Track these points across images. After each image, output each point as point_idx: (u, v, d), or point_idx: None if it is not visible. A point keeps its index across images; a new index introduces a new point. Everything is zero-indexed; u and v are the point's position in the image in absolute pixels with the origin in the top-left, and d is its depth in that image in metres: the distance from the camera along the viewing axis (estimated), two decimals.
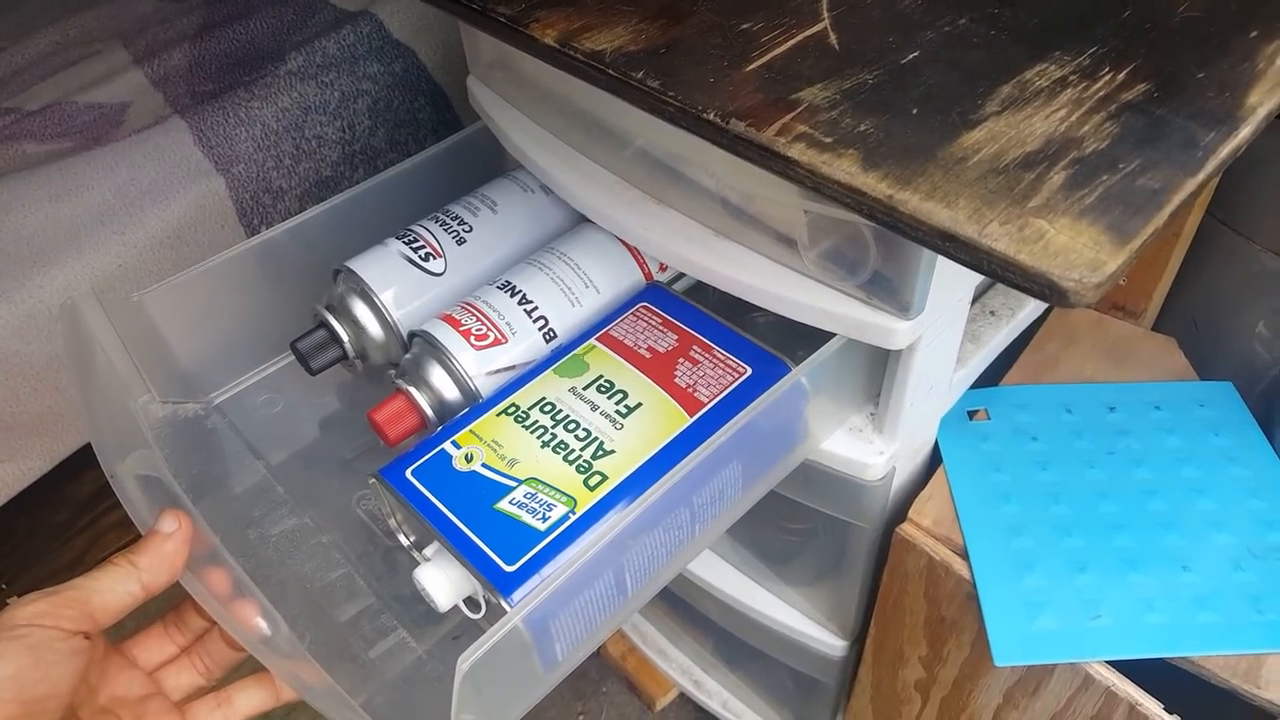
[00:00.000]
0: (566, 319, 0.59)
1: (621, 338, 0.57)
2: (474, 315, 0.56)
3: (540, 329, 0.58)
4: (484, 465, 0.49)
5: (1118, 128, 0.37)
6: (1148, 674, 0.56)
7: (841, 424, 0.62)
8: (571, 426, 0.51)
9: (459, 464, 0.49)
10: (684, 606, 0.96)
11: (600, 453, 0.49)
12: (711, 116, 0.39)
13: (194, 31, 1.09)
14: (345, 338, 0.60)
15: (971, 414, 0.70)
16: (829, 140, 0.37)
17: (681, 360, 0.56)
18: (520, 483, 0.48)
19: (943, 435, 0.68)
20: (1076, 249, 0.32)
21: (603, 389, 0.54)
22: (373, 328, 0.61)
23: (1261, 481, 0.64)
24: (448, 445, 0.51)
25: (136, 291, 0.61)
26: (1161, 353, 0.74)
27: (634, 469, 0.49)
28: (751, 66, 0.42)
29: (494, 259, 0.65)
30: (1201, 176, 0.35)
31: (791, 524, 0.77)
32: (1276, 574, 0.58)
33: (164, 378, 0.62)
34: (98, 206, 0.91)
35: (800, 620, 0.81)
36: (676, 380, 0.54)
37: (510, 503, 0.47)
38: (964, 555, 0.62)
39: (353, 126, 1.02)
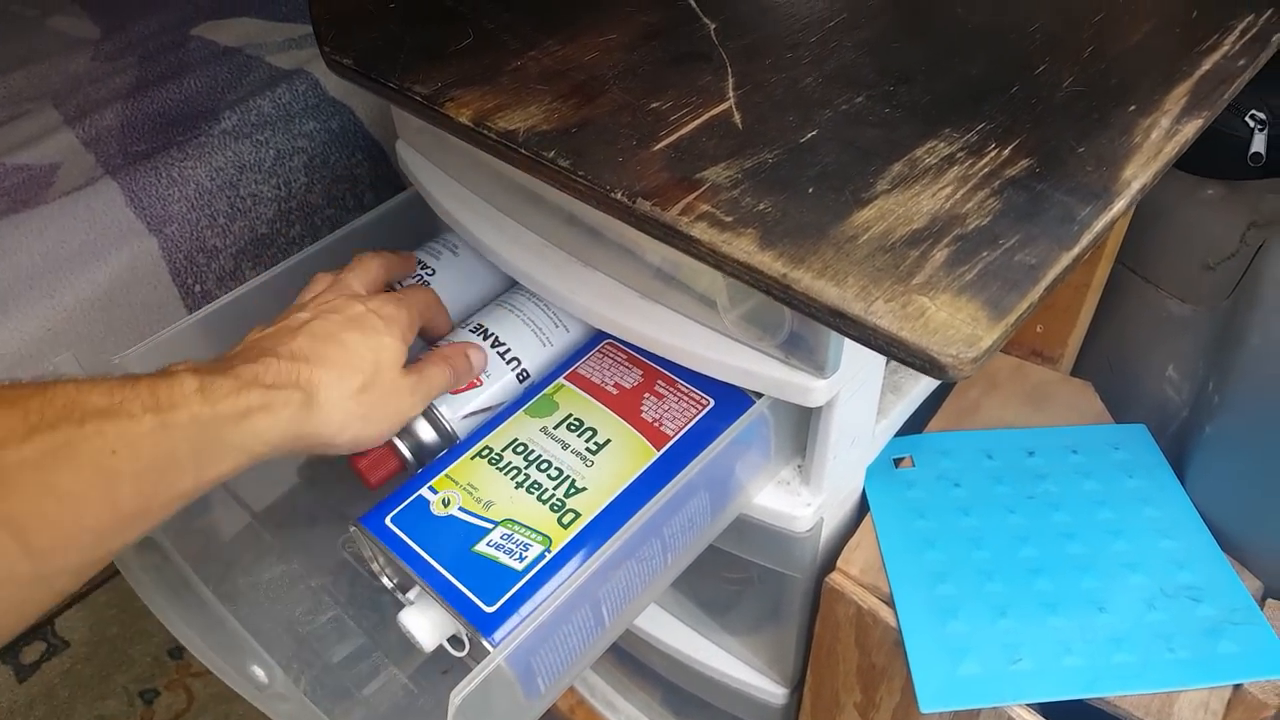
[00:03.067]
0: (539, 358, 0.61)
1: (589, 375, 0.59)
2: None
3: (514, 370, 0.59)
4: (461, 509, 0.51)
5: (1000, 204, 0.39)
6: (1068, 713, 0.58)
7: (772, 478, 0.64)
8: (544, 466, 0.53)
9: (436, 509, 0.51)
10: (631, 660, 0.96)
11: (572, 490, 0.51)
12: (619, 196, 0.41)
13: (127, 91, 1.09)
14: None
15: (897, 461, 0.72)
16: (729, 219, 0.39)
17: (647, 395, 0.58)
18: (497, 524, 0.50)
19: (869, 484, 0.70)
20: (955, 325, 0.33)
21: (572, 427, 0.55)
22: None
23: (1173, 522, 0.66)
24: (425, 491, 0.52)
25: (116, 355, 0.65)
26: (1078, 397, 0.77)
27: (605, 505, 0.51)
28: (659, 145, 0.43)
29: (462, 303, 0.66)
30: (1077, 250, 0.37)
31: (729, 574, 0.78)
32: (1187, 613, 0.60)
33: None
34: (25, 270, 0.90)
35: (742, 670, 0.82)
36: (643, 415, 0.56)
37: (488, 544, 0.49)
38: (890, 603, 0.63)
39: (289, 184, 1.03)
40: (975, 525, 0.67)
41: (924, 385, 0.70)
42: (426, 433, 0.56)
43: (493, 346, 0.60)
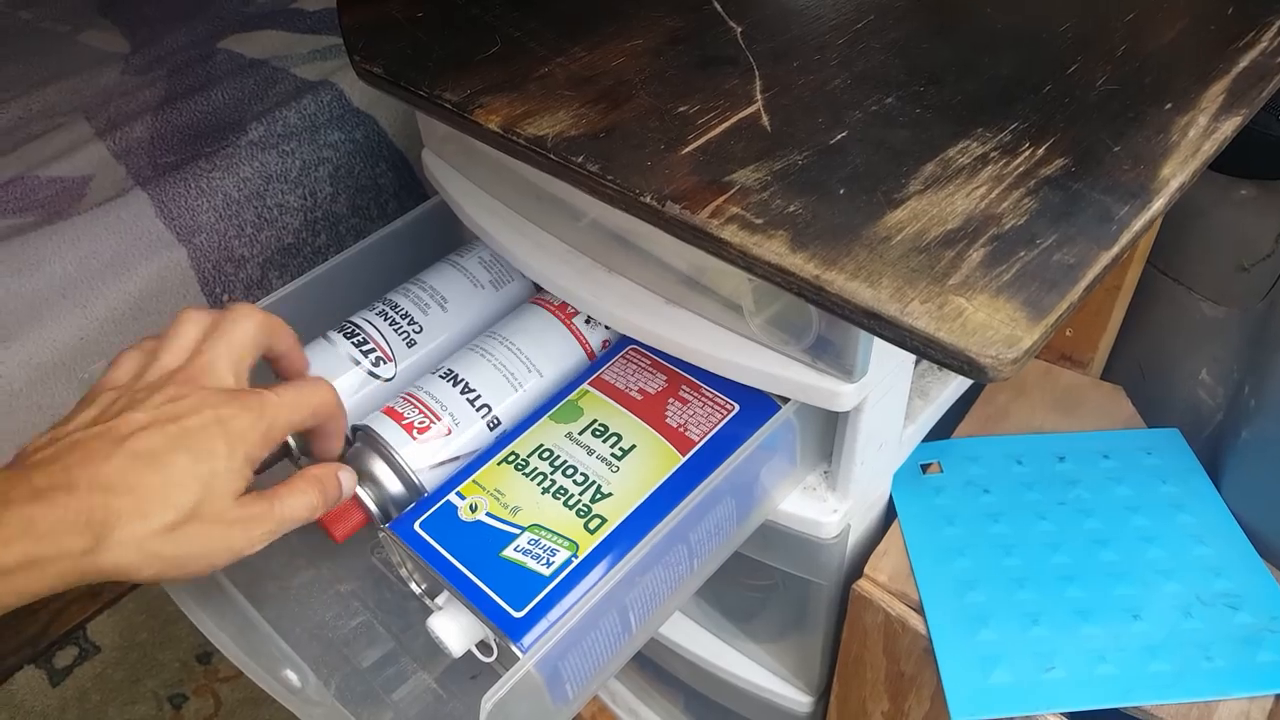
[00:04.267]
0: (510, 405, 0.59)
1: (613, 381, 0.59)
2: (415, 407, 0.56)
3: (483, 417, 0.58)
4: (488, 514, 0.51)
5: (1036, 203, 0.39)
6: None
7: (798, 484, 0.63)
8: (570, 472, 0.53)
9: (464, 514, 0.51)
10: (653, 666, 0.95)
11: (598, 496, 0.51)
12: (648, 200, 0.40)
13: (156, 103, 1.10)
14: (289, 438, 0.59)
15: (925, 467, 0.72)
16: (760, 221, 0.39)
17: (671, 400, 0.57)
18: (524, 530, 0.50)
19: (897, 490, 0.69)
20: (993, 326, 0.33)
21: (597, 433, 0.55)
22: None
23: (1208, 528, 0.65)
24: (452, 496, 0.52)
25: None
26: (1109, 401, 0.76)
27: (631, 510, 0.51)
28: (687, 149, 0.43)
29: (443, 359, 0.64)
30: (1116, 250, 0.36)
31: (754, 580, 0.77)
32: (1224, 621, 0.59)
33: None
34: (59, 280, 0.91)
35: (767, 677, 0.81)
36: (668, 420, 0.56)
37: (515, 550, 0.49)
38: (920, 610, 0.62)
39: (314, 194, 1.03)
40: (1005, 532, 0.66)
41: (952, 390, 0.69)
42: (392, 484, 0.55)
43: (463, 393, 0.58)
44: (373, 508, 0.54)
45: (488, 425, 0.58)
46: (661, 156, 0.43)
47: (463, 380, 0.58)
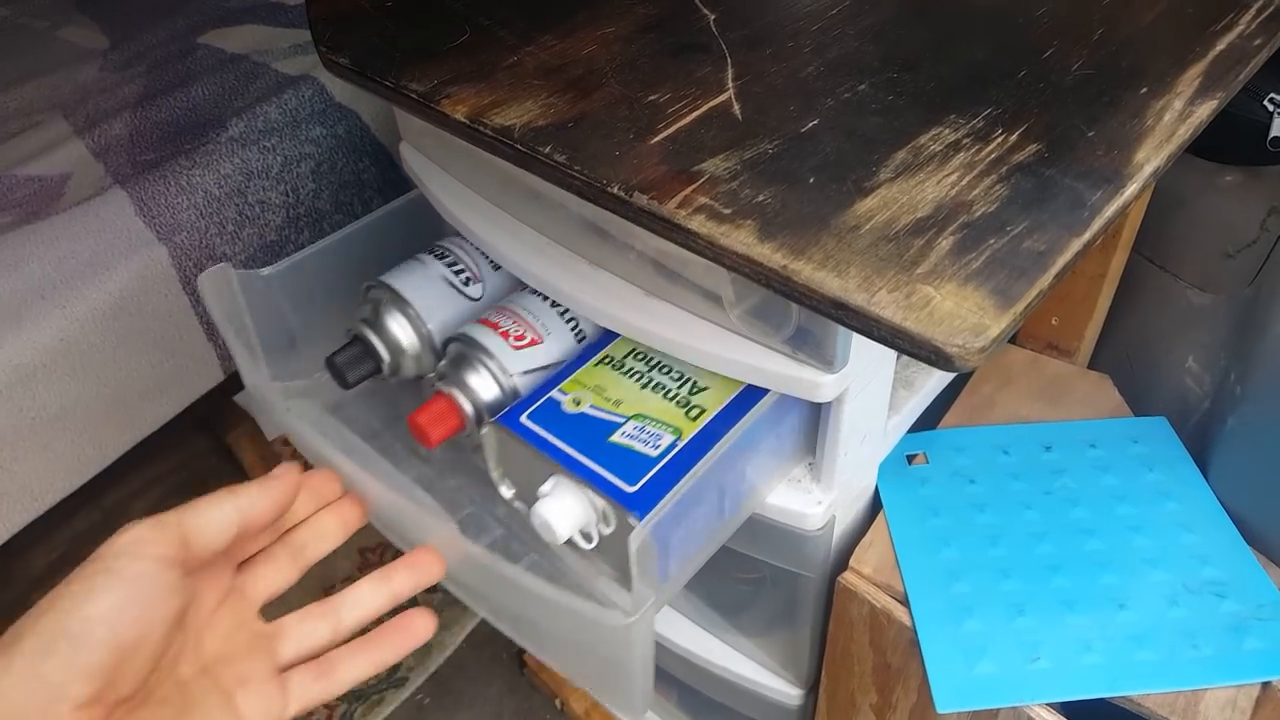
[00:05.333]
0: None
1: None
2: (510, 317, 0.60)
3: (572, 329, 0.61)
4: (592, 406, 0.54)
5: (1007, 190, 0.38)
6: (1090, 713, 0.56)
7: (784, 477, 0.63)
8: (665, 370, 0.57)
9: (568, 407, 0.54)
10: None
11: (695, 390, 0.56)
12: (616, 190, 0.40)
13: (135, 100, 1.09)
14: (382, 352, 0.62)
15: (910, 458, 0.71)
16: (728, 211, 0.38)
17: None
18: (628, 418, 0.53)
19: (882, 481, 0.68)
20: (961, 315, 0.32)
21: None
22: (410, 342, 0.63)
23: (1195, 516, 0.65)
24: (555, 393, 0.55)
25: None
26: (1096, 390, 0.76)
27: (728, 401, 0.55)
28: (657, 138, 0.43)
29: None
30: (1087, 236, 0.36)
31: (742, 574, 0.77)
32: (1211, 609, 0.59)
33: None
34: (38, 280, 0.90)
35: (758, 671, 0.81)
36: None
37: (622, 435, 0.52)
38: (905, 602, 0.62)
39: (296, 190, 1.03)
40: (991, 522, 0.66)
41: (937, 380, 0.68)
42: (488, 389, 0.57)
43: (552, 306, 0.62)
44: (469, 411, 0.56)
45: (575, 337, 0.61)
46: (630, 146, 0.42)
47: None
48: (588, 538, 0.51)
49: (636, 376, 0.56)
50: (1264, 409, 0.63)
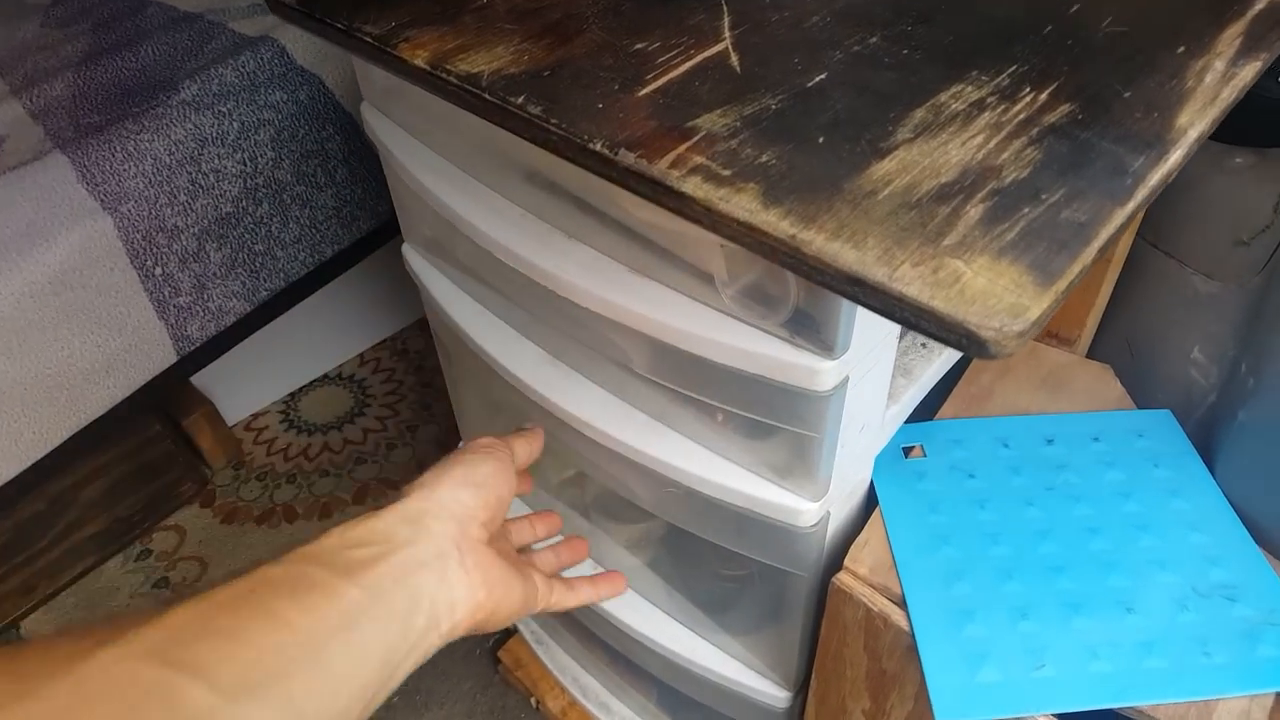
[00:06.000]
0: None
1: None
2: None
3: None
4: None
5: (1040, 154, 0.34)
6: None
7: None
8: None
9: None
10: (625, 660, 0.91)
11: None
12: (598, 147, 0.35)
13: (78, 59, 1.02)
14: None
15: (907, 451, 0.67)
16: (727, 173, 0.33)
17: None
18: None
19: (878, 475, 0.64)
20: (996, 293, 0.28)
21: None
22: None
23: (1203, 515, 0.61)
24: None
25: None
26: (1097, 381, 0.72)
27: None
28: (645, 91, 0.38)
29: None
30: (1131, 206, 0.32)
31: (727, 570, 0.73)
32: (1222, 614, 0.55)
33: None
34: None
35: (742, 672, 0.77)
36: None
37: None
38: (902, 605, 0.58)
39: (255, 159, 0.97)
40: (992, 519, 0.62)
41: (937, 368, 0.64)
42: None
43: None
44: None
45: None
46: (615, 98, 0.37)
47: None
48: None
49: None
50: (1278, 403, 0.59)
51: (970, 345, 0.27)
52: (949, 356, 0.65)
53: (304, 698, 0.33)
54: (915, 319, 0.28)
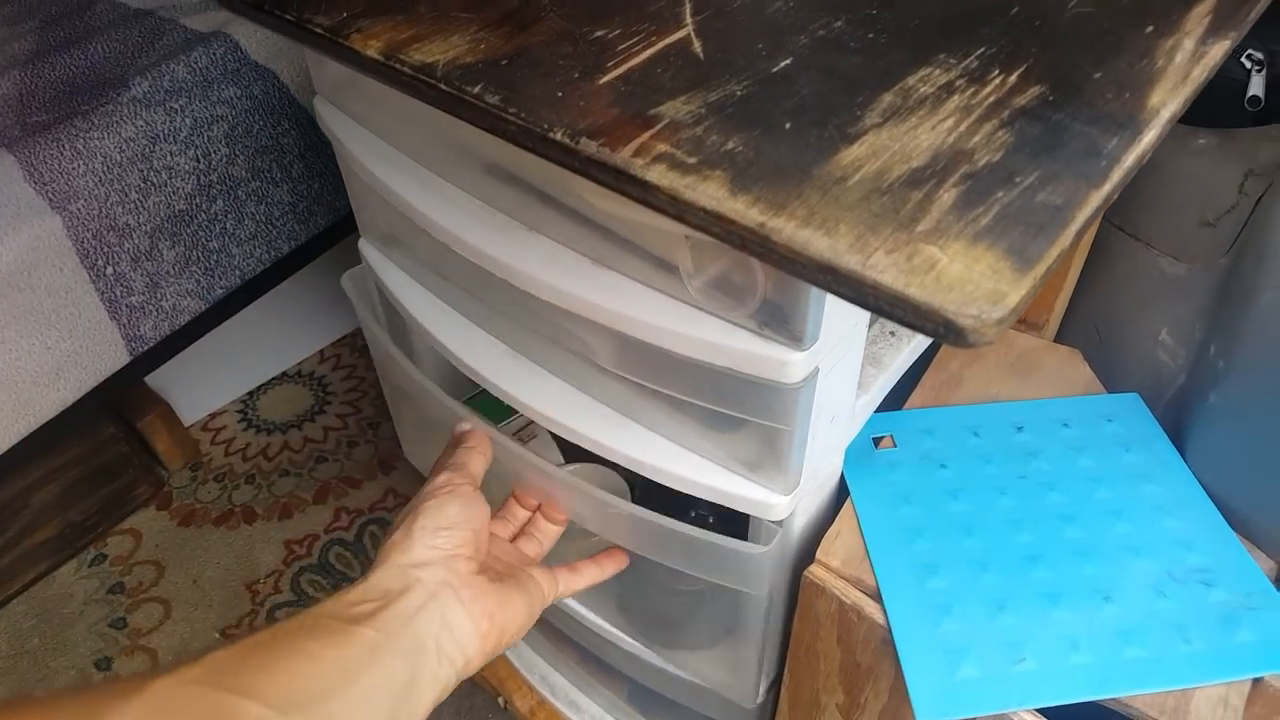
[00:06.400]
0: None
1: None
2: None
3: None
4: None
5: (1012, 136, 0.33)
6: (1068, 715, 0.52)
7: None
8: None
9: None
10: (594, 658, 0.90)
11: None
12: (559, 136, 0.34)
13: (25, 57, 0.99)
14: None
15: (877, 441, 0.66)
16: (693, 160, 0.32)
17: None
18: None
19: (849, 467, 0.64)
20: (973, 279, 0.27)
21: None
22: None
23: (1176, 499, 0.61)
24: None
25: None
26: (1066, 365, 0.72)
27: None
28: (606, 79, 0.36)
29: None
30: (1107, 189, 0.31)
31: (681, 586, 0.71)
32: (1199, 599, 0.55)
33: None
34: None
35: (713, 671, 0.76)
36: None
37: None
38: (877, 598, 0.57)
39: (208, 155, 0.94)
40: (965, 510, 0.61)
41: (906, 356, 0.64)
42: None
43: None
44: None
45: None
46: (575, 86, 0.36)
47: None
48: None
49: None
50: (1248, 384, 0.59)
51: (948, 334, 0.26)
52: (918, 344, 0.65)
53: (343, 717, 0.36)
54: (890, 308, 0.27)
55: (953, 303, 0.26)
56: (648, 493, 0.65)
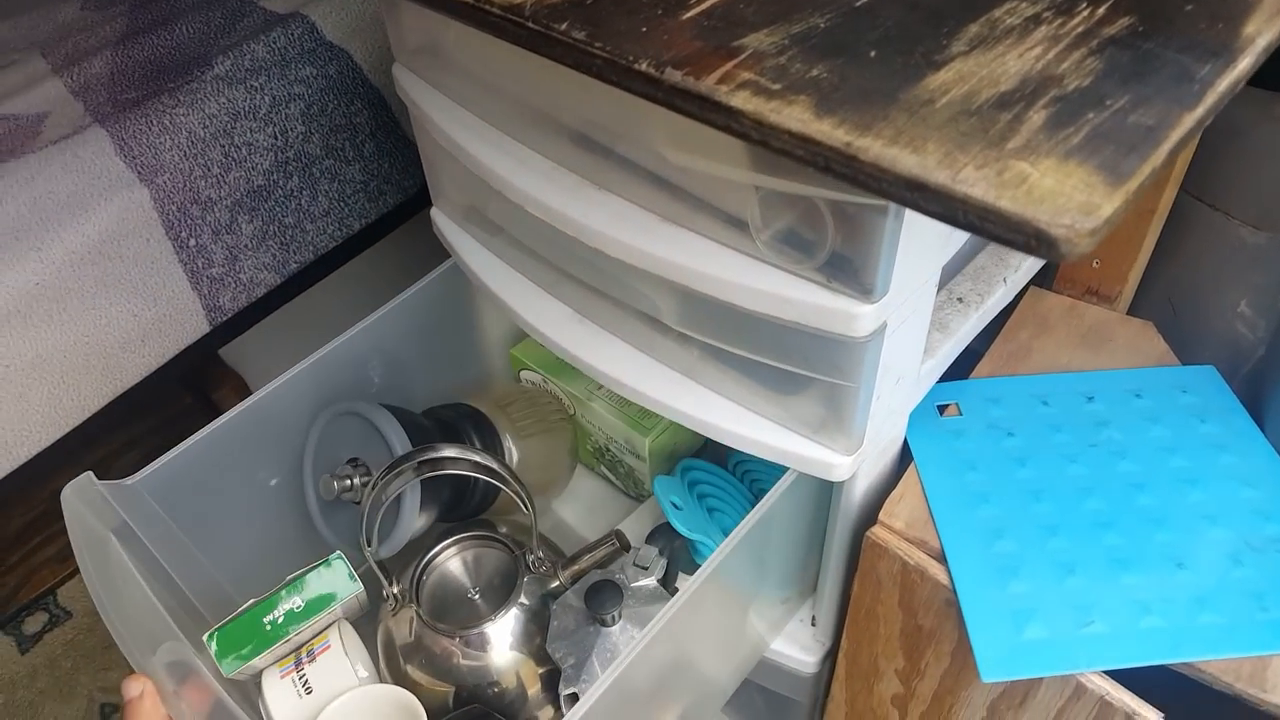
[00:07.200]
0: None
1: None
2: None
3: None
4: None
5: (1101, 63, 0.33)
6: (1137, 678, 0.51)
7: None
8: None
9: None
10: None
11: None
12: (644, 67, 0.34)
13: (116, 38, 1.03)
14: None
15: (942, 409, 0.66)
16: (777, 87, 0.33)
17: None
18: None
19: (912, 432, 0.64)
20: (1065, 192, 0.27)
21: None
22: None
23: (1254, 469, 0.60)
24: None
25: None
26: (1139, 338, 0.71)
27: None
28: (689, 14, 0.37)
29: None
30: (1200, 111, 0.31)
31: None
32: (1277, 567, 0.54)
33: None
34: (11, 221, 0.85)
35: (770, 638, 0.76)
36: None
37: None
38: (941, 559, 0.57)
39: (285, 132, 0.97)
40: (1034, 477, 0.61)
41: (973, 323, 0.63)
42: None
43: None
44: None
45: None
46: (659, 22, 0.37)
47: None
48: None
49: None
50: None
51: (1040, 245, 0.27)
52: (986, 311, 0.64)
53: None
54: (980, 222, 0.27)
55: (1045, 214, 0.27)
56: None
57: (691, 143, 0.47)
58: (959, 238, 0.52)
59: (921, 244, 0.48)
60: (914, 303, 0.52)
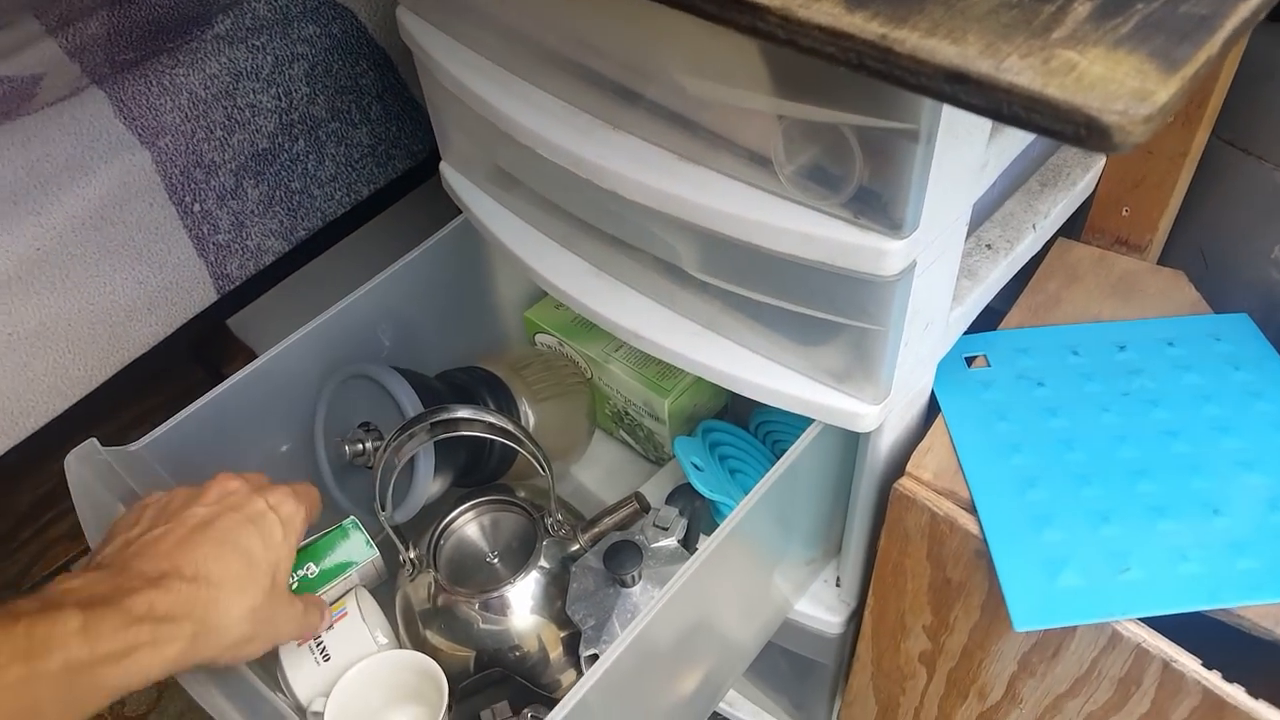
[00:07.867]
0: None
1: None
2: None
3: None
4: None
5: None
6: (1171, 626, 0.50)
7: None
8: None
9: None
10: None
11: None
12: None
13: None
14: None
15: (970, 360, 0.64)
16: None
17: None
18: None
19: (940, 383, 0.62)
20: (1116, 79, 0.25)
21: None
22: None
23: None
24: None
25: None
26: (1170, 287, 0.69)
27: None
28: None
29: None
30: (1255, 2, 0.28)
31: None
32: None
33: None
34: (10, 184, 0.83)
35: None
36: None
37: None
38: (971, 510, 0.55)
39: (289, 94, 0.95)
40: (1065, 426, 0.59)
41: (1001, 270, 0.61)
42: None
43: None
44: None
45: None
46: None
47: None
48: None
49: None
50: None
51: (1090, 135, 0.25)
52: (1015, 258, 0.62)
53: None
54: (1027, 113, 0.26)
55: (1096, 100, 0.25)
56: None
57: (712, 69, 0.45)
58: (990, 172, 0.50)
59: (952, 178, 0.46)
60: (944, 242, 0.50)
